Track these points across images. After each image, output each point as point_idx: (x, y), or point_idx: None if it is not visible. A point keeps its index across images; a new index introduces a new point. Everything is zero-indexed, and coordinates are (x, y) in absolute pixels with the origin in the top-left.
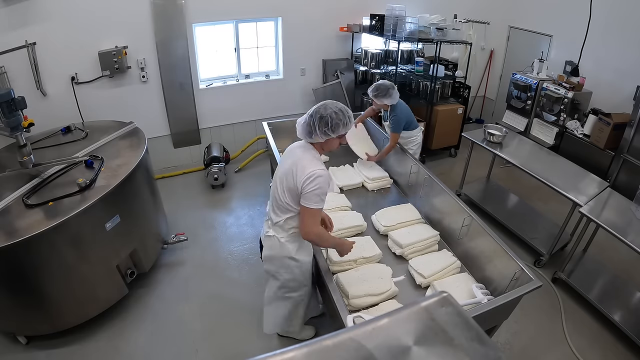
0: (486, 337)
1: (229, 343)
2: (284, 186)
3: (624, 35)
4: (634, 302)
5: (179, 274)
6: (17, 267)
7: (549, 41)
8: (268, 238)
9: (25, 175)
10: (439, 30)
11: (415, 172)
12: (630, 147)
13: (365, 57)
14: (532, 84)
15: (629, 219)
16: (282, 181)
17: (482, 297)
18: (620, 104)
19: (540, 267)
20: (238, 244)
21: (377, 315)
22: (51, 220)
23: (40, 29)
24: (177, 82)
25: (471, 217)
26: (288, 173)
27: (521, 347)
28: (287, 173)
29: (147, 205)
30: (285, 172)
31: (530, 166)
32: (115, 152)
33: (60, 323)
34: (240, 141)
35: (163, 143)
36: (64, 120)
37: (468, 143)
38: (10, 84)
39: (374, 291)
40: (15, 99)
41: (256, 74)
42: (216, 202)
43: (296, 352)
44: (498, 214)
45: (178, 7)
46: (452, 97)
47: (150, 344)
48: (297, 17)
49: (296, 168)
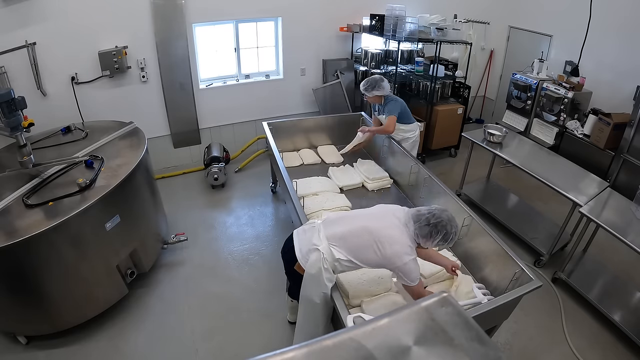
0: (486, 337)
1: (229, 343)
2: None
3: (624, 35)
4: (634, 302)
5: (179, 274)
6: (17, 267)
7: (549, 41)
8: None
9: (25, 175)
10: (439, 30)
11: (415, 172)
12: (630, 147)
13: (365, 57)
14: (532, 84)
15: (629, 219)
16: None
17: (482, 297)
18: (620, 104)
19: (540, 267)
20: (238, 244)
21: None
22: (51, 220)
23: (40, 29)
24: (177, 82)
25: (471, 217)
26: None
27: (521, 347)
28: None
29: (147, 205)
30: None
31: (530, 166)
32: (115, 152)
33: (60, 323)
34: (240, 141)
35: (163, 143)
36: (64, 120)
37: (468, 143)
38: (10, 84)
39: (374, 291)
40: (15, 99)
41: (256, 74)
42: (216, 202)
43: (296, 352)
44: (498, 214)
45: (178, 7)
46: (452, 97)
47: (150, 344)
48: (297, 17)
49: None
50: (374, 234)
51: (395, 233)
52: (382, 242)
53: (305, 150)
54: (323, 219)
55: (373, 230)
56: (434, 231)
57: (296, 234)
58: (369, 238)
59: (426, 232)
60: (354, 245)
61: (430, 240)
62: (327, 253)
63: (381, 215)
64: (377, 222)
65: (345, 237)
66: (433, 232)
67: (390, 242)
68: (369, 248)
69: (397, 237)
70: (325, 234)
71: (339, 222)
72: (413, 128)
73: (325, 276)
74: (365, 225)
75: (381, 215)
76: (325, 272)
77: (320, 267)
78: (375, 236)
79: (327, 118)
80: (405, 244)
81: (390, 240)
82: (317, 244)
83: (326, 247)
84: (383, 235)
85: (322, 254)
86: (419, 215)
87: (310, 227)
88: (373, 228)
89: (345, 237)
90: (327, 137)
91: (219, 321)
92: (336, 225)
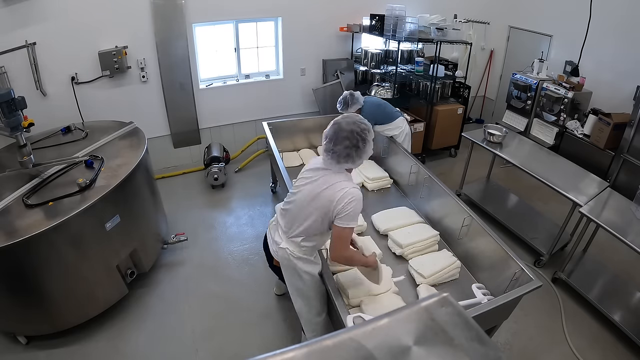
0: (486, 337)
1: (229, 343)
2: (313, 206)
3: (624, 35)
4: (634, 302)
5: (179, 274)
6: (17, 267)
7: (549, 41)
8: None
9: (25, 175)
10: (439, 30)
11: (415, 172)
12: (630, 147)
13: (365, 57)
14: (532, 84)
15: (629, 219)
16: (311, 199)
17: (482, 297)
18: (620, 104)
19: (540, 267)
20: (238, 244)
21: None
22: (51, 220)
23: (40, 29)
24: (177, 82)
25: (471, 217)
26: (321, 193)
27: (521, 347)
28: (320, 193)
29: (147, 205)
30: (316, 192)
31: (530, 166)
32: (115, 152)
33: (60, 323)
34: (240, 141)
35: (163, 143)
36: (64, 120)
37: (468, 143)
38: (10, 84)
39: (374, 291)
40: (15, 99)
41: (256, 74)
42: (216, 202)
43: (296, 352)
44: (498, 214)
45: (178, 7)
46: (452, 97)
47: (150, 344)
48: (297, 17)
49: (332, 189)
50: (313, 193)
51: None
52: (319, 193)
53: (305, 150)
54: (277, 211)
55: (311, 192)
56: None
57: (268, 231)
58: (310, 202)
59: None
60: (305, 223)
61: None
62: (291, 247)
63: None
64: (312, 185)
65: (295, 221)
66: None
67: (326, 186)
68: (315, 209)
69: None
70: (282, 228)
71: (286, 211)
72: (398, 124)
73: (300, 267)
74: (305, 195)
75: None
76: (299, 262)
77: (291, 262)
78: (314, 194)
79: (327, 118)
80: (341, 180)
81: (325, 185)
82: (278, 241)
83: (287, 242)
84: (319, 187)
85: (286, 250)
86: (328, 144)
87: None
88: (311, 190)
89: (295, 222)
90: None
91: (219, 321)
92: (285, 215)
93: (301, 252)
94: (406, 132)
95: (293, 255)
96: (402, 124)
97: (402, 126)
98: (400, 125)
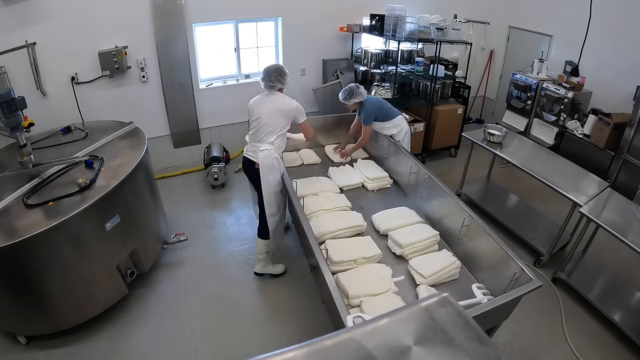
0: (486, 337)
1: (229, 343)
2: (279, 115)
3: (624, 35)
4: (634, 302)
5: (179, 274)
6: (17, 267)
7: (549, 41)
8: (263, 152)
9: (25, 175)
10: (439, 30)
11: (415, 172)
12: (630, 147)
13: (365, 57)
14: (532, 84)
15: (629, 219)
16: (277, 113)
17: (482, 297)
18: (620, 104)
19: (540, 267)
20: (238, 244)
21: (377, 315)
22: (51, 220)
23: (40, 29)
24: (177, 82)
25: (471, 217)
26: (280, 108)
27: (521, 347)
28: (279, 108)
29: (147, 205)
30: (276, 108)
31: (530, 166)
32: (115, 152)
33: (60, 323)
34: (240, 141)
35: (163, 143)
36: (64, 120)
37: (468, 143)
38: (10, 84)
39: (374, 291)
40: (15, 99)
41: (256, 74)
42: (216, 202)
43: (296, 352)
44: (498, 214)
45: (178, 7)
46: (452, 97)
47: (150, 344)
48: (297, 17)
49: (285, 104)
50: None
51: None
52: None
53: (305, 150)
54: (247, 139)
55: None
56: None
57: (246, 154)
58: (273, 118)
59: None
60: (272, 128)
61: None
62: (268, 147)
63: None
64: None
65: (265, 131)
66: (281, 72)
67: (281, 105)
68: (278, 120)
69: (281, 99)
70: (256, 141)
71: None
72: (397, 123)
73: (277, 160)
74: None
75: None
76: (275, 161)
77: (271, 157)
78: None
79: (327, 118)
80: (287, 98)
81: (280, 104)
82: (259, 146)
83: (265, 145)
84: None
85: (265, 150)
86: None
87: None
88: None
89: (265, 132)
90: (327, 137)
91: (219, 321)
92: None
93: (275, 149)
94: (405, 130)
95: (272, 154)
96: (401, 122)
97: (401, 124)
98: (399, 123)
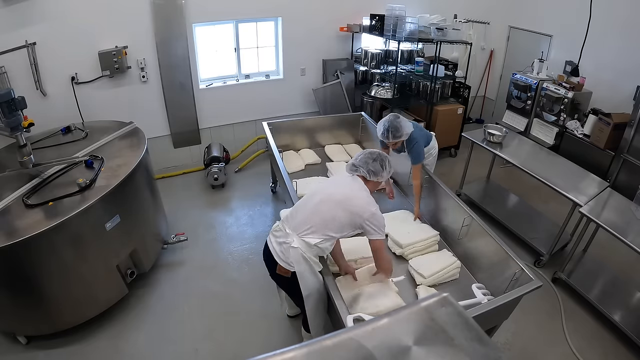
0: (486, 337)
1: (229, 343)
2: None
3: (624, 35)
4: (634, 302)
5: (179, 274)
6: (17, 267)
7: (549, 41)
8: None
9: (25, 175)
10: (439, 30)
11: None
12: (630, 147)
13: (365, 57)
14: (532, 84)
15: (629, 219)
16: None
17: (482, 297)
18: (620, 104)
19: (540, 267)
20: (238, 244)
21: (377, 315)
22: (51, 220)
23: (40, 29)
24: (177, 82)
25: (471, 217)
26: (348, 202)
27: (521, 347)
28: (347, 201)
29: (147, 205)
30: (344, 198)
31: (530, 166)
32: (115, 152)
33: (60, 323)
34: (240, 141)
35: (163, 143)
36: (64, 120)
37: (468, 143)
38: (10, 84)
39: (374, 291)
40: (15, 99)
41: (256, 74)
42: (216, 202)
43: (296, 352)
44: (498, 214)
45: (178, 7)
46: (452, 97)
47: (150, 344)
48: (297, 17)
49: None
50: (335, 199)
51: (353, 188)
52: (344, 202)
53: (305, 150)
54: (282, 216)
55: (332, 197)
56: (382, 163)
57: (269, 240)
58: (331, 207)
59: (377, 167)
60: (321, 222)
61: (384, 172)
62: (302, 246)
63: (331, 183)
64: (332, 189)
65: (309, 221)
66: (382, 164)
67: (352, 197)
68: (335, 215)
69: (357, 191)
70: (291, 228)
71: (297, 211)
72: (432, 145)
73: (315, 266)
74: (322, 198)
75: (332, 183)
76: (312, 263)
77: (305, 261)
78: (336, 201)
79: (327, 118)
80: (366, 195)
81: (351, 195)
82: (288, 241)
83: (298, 240)
84: (343, 195)
85: (299, 249)
86: (363, 160)
87: (277, 230)
88: (331, 195)
89: (308, 221)
90: (327, 137)
91: (219, 321)
92: (296, 215)
93: (315, 252)
94: (436, 150)
95: (306, 253)
96: (434, 143)
97: (435, 145)
98: (434, 144)
